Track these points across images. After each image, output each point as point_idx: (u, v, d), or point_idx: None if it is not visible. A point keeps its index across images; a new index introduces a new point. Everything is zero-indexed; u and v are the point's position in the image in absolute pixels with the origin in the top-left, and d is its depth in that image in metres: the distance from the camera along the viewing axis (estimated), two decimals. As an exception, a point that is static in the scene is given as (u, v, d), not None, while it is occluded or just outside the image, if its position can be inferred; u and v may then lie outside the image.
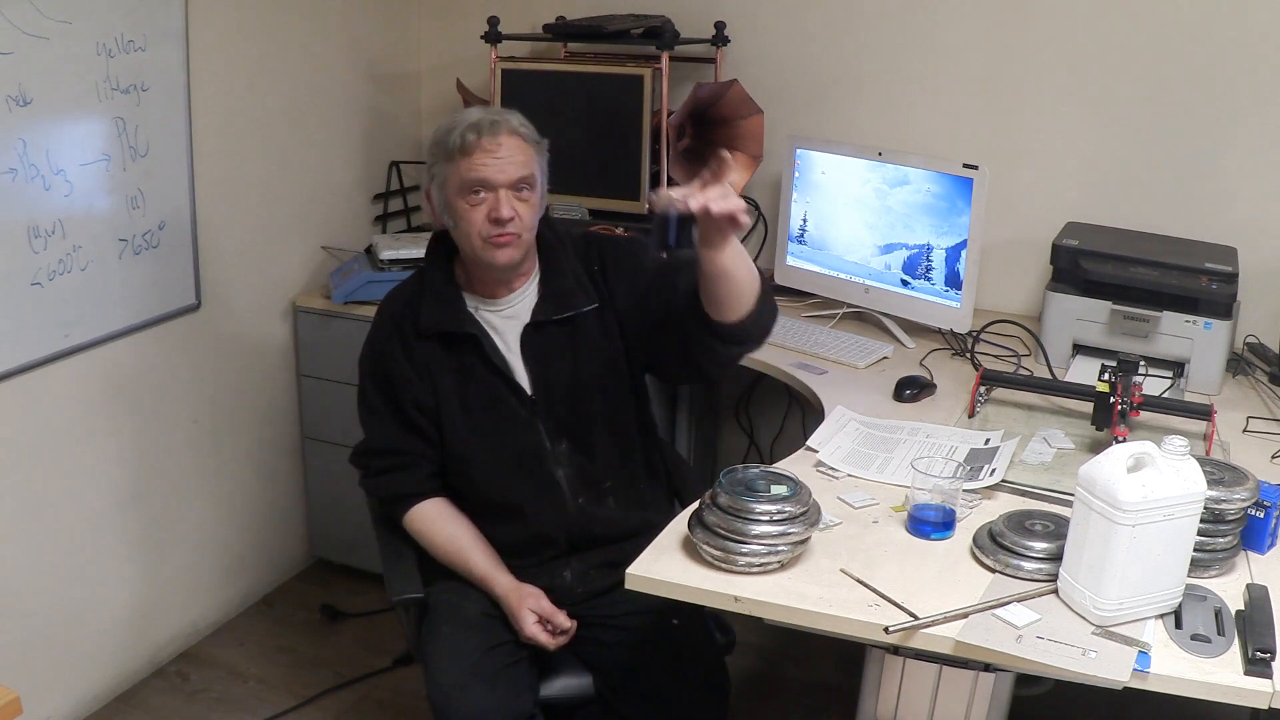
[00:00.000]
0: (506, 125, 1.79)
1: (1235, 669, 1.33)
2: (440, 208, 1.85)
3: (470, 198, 1.78)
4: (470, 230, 1.80)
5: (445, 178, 1.81)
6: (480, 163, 1.77)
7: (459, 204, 1.79)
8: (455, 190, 1.79)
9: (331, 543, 3.07)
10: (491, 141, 1.77)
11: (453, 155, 1.78)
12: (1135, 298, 2.29)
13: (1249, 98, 2.46)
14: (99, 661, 2.54)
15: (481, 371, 1.88)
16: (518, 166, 1.79)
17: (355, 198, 3.11)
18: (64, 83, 2.16)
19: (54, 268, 2.22)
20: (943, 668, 1.56)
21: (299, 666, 2.73)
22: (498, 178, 1.78)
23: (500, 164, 1.77)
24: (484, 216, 1.78)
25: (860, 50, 2.79)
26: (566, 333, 1.90)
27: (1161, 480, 1.36)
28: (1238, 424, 2.08)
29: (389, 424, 1.93)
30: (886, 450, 1.91)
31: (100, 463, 2.46)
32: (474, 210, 1.79)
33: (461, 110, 1.86)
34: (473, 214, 1.79)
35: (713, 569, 1.52)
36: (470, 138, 1.77)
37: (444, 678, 1.80)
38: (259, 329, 2.84)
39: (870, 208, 2.60)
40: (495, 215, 1.78)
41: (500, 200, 1.78)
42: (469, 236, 1.81)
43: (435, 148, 1.82)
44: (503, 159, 1.78)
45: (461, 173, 1.78)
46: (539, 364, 1.90)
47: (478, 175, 1.77)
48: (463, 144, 1.77)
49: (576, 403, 1.90)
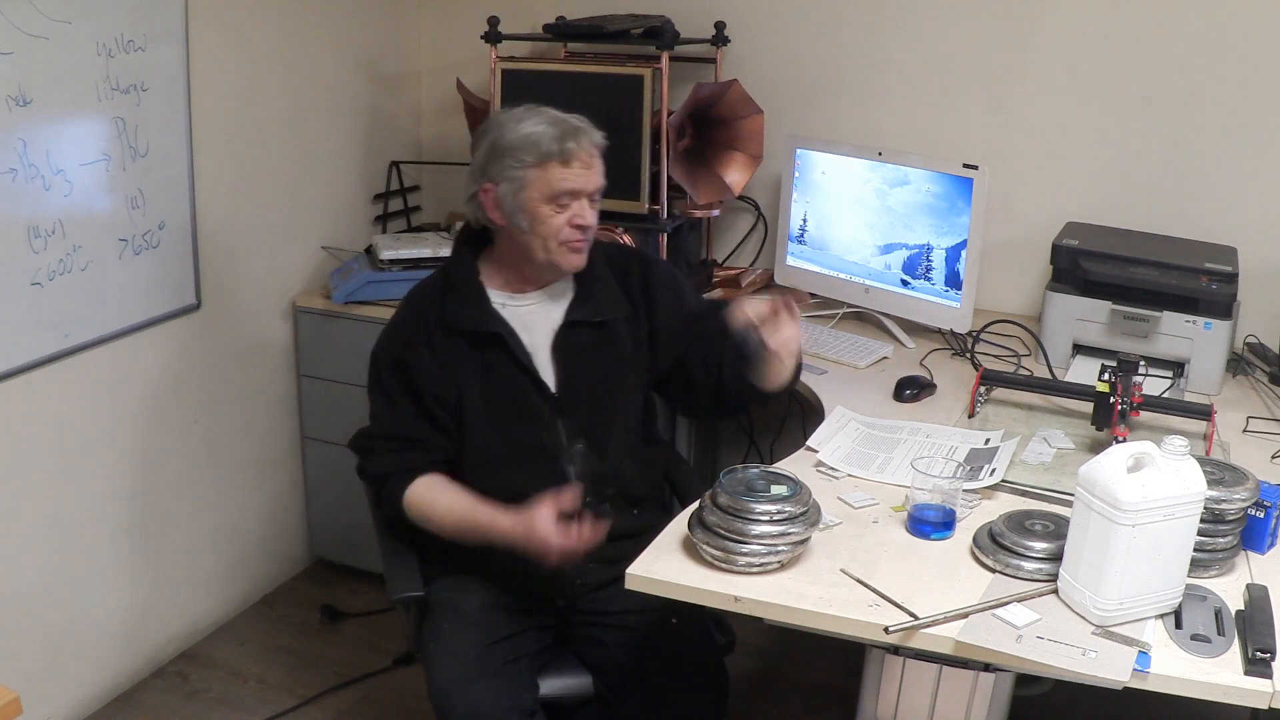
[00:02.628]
0: (592, 136, 1.85)
1: (1235, 669, 1.33)
2: (511, 209, 1.84)
3: (556, 205, 1.82)
4: (549, 234, 1.84)
5: (528, 181, 1.82)
6: (576, 173, 1.82)
7: (542, 209, 1.82)
8: (541, 195, 1.82)
9: (331, 543, 3.07)
10: (586, 153, 1.83)
11: (545, 162, 1.81)
12: (1135, 298, 2.29)
13: (1249, 98, 2.46)
14: (99, 661, 2.54)
15: (506, 368, 1.90)
16: (599, 175, 1.87)
17: (355, 198, 3.11)
18: (64, 83, 2.16)
19: (54, 268, 2.22)
20: (943, 668, 1.56)
21: (299, 666, 2.73)
22: (587, 187, 1.84)
23: (589, 174, 1.84)
24: (566, 222, 1.83)
25: (860, 50, 2.79)
26: (599, 336, 1.94)
27: (1161, 480, 1.36)
28: (1238, 424, 2.08)
29: (404, 411, 1.92)
30: (886, 450, 1.91)
31: (100, 463, 2.45)
32: (558, 216, 1.83)
33: (515, 112, 1.87)
34: (556, 219, 1.83)
35: (713, 569, 1.52)
36: (570, 146, 1.81)
37: (444, 675, 1.81)
38: (259, 329, 2.84)
39: (870, 208, 2.60)
40: (580, 222, 1.84)
41: (585, 208, 1.85)
42: (545, 239, 1.84)
43: (519, 152, 1.82)
44: (592, 170, 1.85)
45: (554, 180, 1.81)
46: (567, 363, 1.92)
47: (572, 185, 1.82)
48: (562, 152, 1.81)
49: (598, 404, 1.93)
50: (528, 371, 1.90)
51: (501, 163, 1.83)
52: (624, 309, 1.96)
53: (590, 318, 1.93)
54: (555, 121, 1.84)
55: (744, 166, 2.76)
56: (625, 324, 1.96)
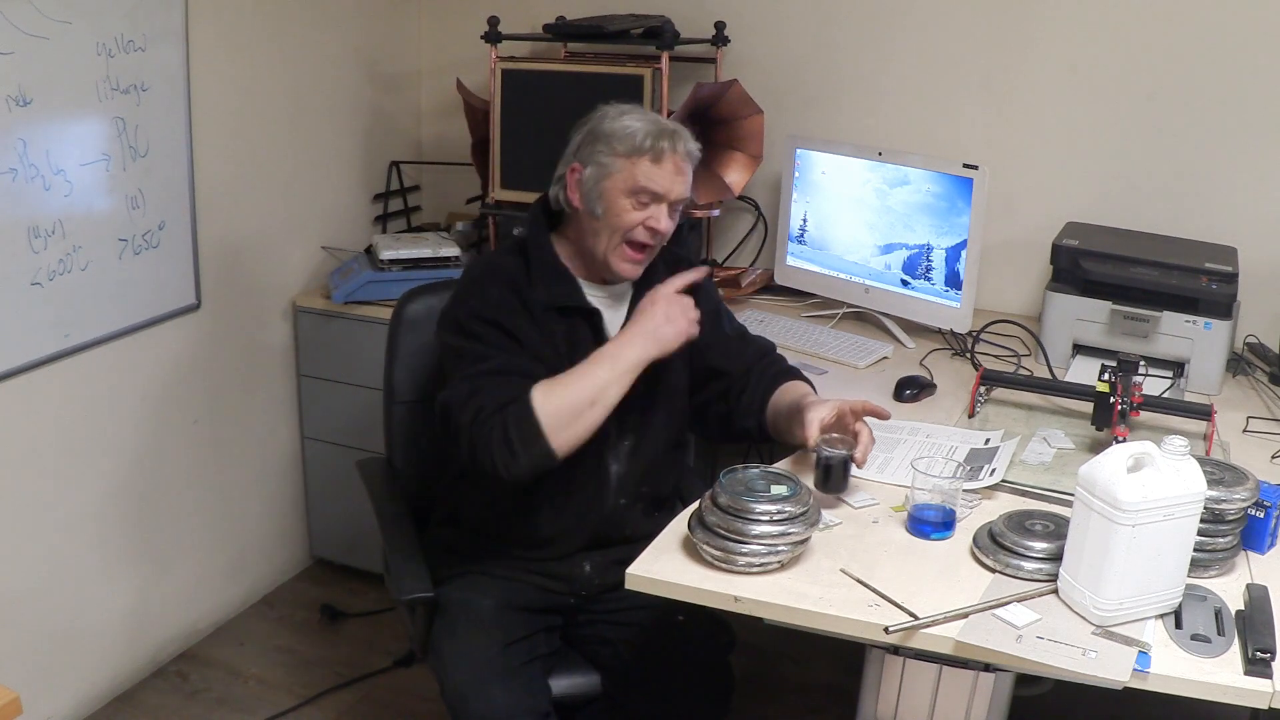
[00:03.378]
0: (685, 142, 1.84)
1: (1235, 669, 1.33)
2: (591, 193, 1.82)
3: (636, 200, 1.80)
4: (619, 227, 1.81)
5: (614, 170, 1.80)
6: (663, 173, 1.80)
7: (620, 200, 1.80)
8: (623, 187, 1.80)
9: (331, 543, 3.07)
10: (679, 157, 1.82)
11: (636, 155, 1.79)
12: (1135, 298, 2.29)
13: (1249, 98, 2.46)
14: (99, 661, 2.54)
15: (589, 345, 1.85)
16: (686, 187, 1.84)
17: (355, 198, 3.11)
18: (64, 83, 2.16)
19: (54, 268, 2.22)
20: (943, 668, 1.56)
21: (299, 666, 2.73)
22: (671, 192, 1.81)
23: (676, 179, 1.82)
24: (639, 221, 1.81)
25: (860, 50, 2.79)
26: None
27: (1161, 480, 1.36)
28: (1238, 424, 2.08)
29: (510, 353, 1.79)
30: (887, 450, 1.91)
31: (100, 463, 2.45)
32: (634, 212, 1.81)
33: (620, 105, 1.86)
34: (631, 215, 1.81)
35: (713, 569, 1.52)
36: (663, 145, 1.79)
37: (460, 676, 1.79)
38: (259, 329, 2.84)
39: (870, 208, 2.60)
40: (654, 225, 1.81)
41: (663, 214, 1.82)
42: (612, 232, 1.82)
43: (613, 139, 1.81)
44: (681, 177, 1.83)
45: (639, 176, 1.79)
46: None
47: (657, 185, 1.80)
48: (654, 149, 1.79)
49: (647, 404, 1.91)
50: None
51: (594, 147, 1.82)
52: None
53: None
54: (655, 121, 1.83)
55: (744, 166, 2.76)
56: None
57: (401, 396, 2.15)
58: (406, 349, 2.15)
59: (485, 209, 2.81)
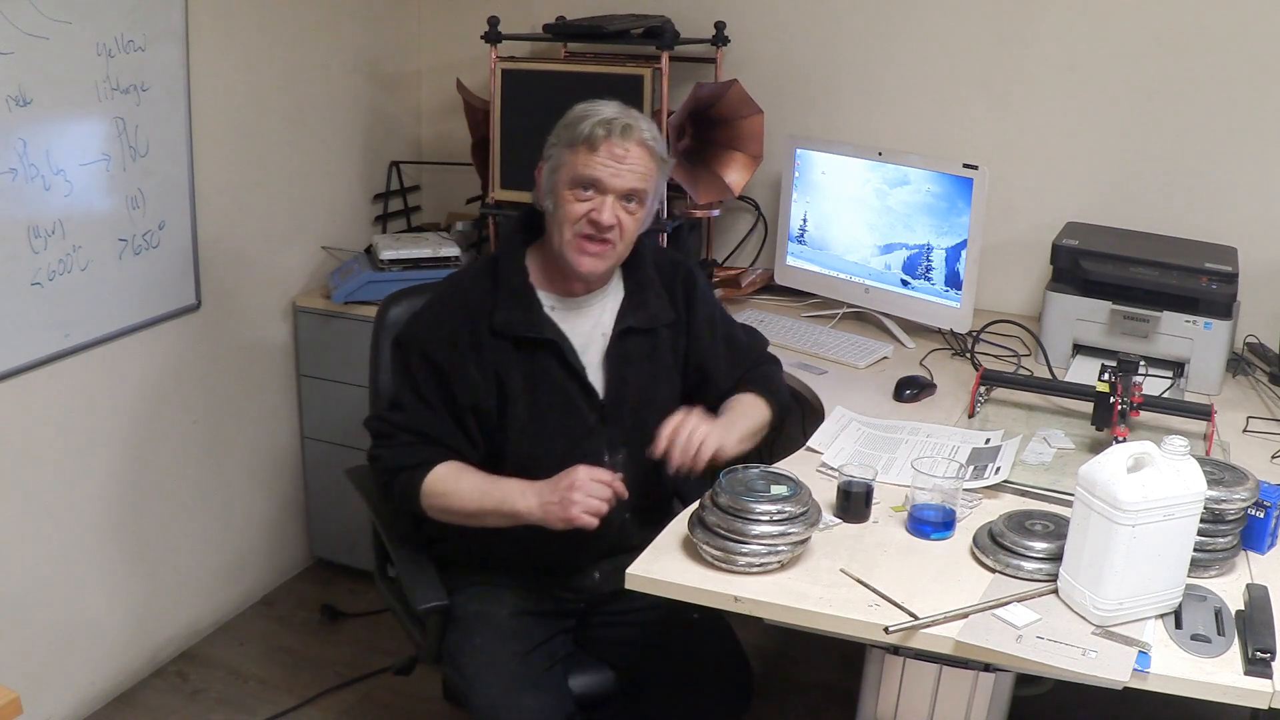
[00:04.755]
0: (638, 133, 1.77)
1: (1235, 669, 1.33)
2: (546, 190, 1.81)
3: (578, 191, 1.77)
4: (565, 221, 1.77)
5: (560, 163, 1.78)
6: (600, 162, 1.75)
7: (564, 193, 1.77)
8: (566, 179, 1.77)
9: (331, 543, 3.07)
10: (620, 145, 1.75)
11: (575, 145, 1.76)
12: (1135, 298, 2.29)
13: (1249, 98, 2.46)
14: (99, 661, 2.54)
15: (555, 374, 1.83)
16: (635, 178, 1.77)
17: (355, 198, 3.11)
18: (64, 83, 2.16)
19: (54, 268, 2.22)
20: (943, 668, 1.56)
21: (299, 666, 2.73)
22: (612, 182, 1.76)
23: (618, 169, 1.75)
24: (583, 214, 1.76)
25: (860, 50, 2.79)
26: (649, 343, 1.90)
27: (1161, 480, 1.36)
28: (1238, 424, 2.08)
29: (435, 411, 1.82)
30: (889, 450, 1.91)
31: (100, 463, 2.45)
32: (576, 204, 1.77)
33: (598, 101, 1.83)
34: (574, 207, 1.77)
35: (713, 569, 1.52)
36: (599, 134, 1.74)
37: (489, 689, 1.76)
38: (259, 329, 2.84)
39: (870, 208, 2.60)
40: (595, 218, 1.76)
41: (605, 205, 1.76)
42: (561, 227, 1.78)
43: (562, 130, 1.79)
44: (624, 166, 1.76)
45: (578, 165, 1.76)
46: (617, 370, 1.87)
47: (593, 173, 1.75)
48: (589, 137, 1.74)
49: (641, 414, 1.88)
50: (578, 378, 1.84)
51: (551, 139, 1.81)
52: (670, 315, 1.92)
53: (643, 324, 1.88)
54: (614, 111, 1.78)
55: (744, 166, 2.76)
56: (668, 330, 1.92)
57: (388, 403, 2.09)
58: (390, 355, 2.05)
59: (485, 209, 2.81)
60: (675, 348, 1.94)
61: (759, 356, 2.04)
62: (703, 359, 1.96)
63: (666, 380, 1.94)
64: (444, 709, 2.48)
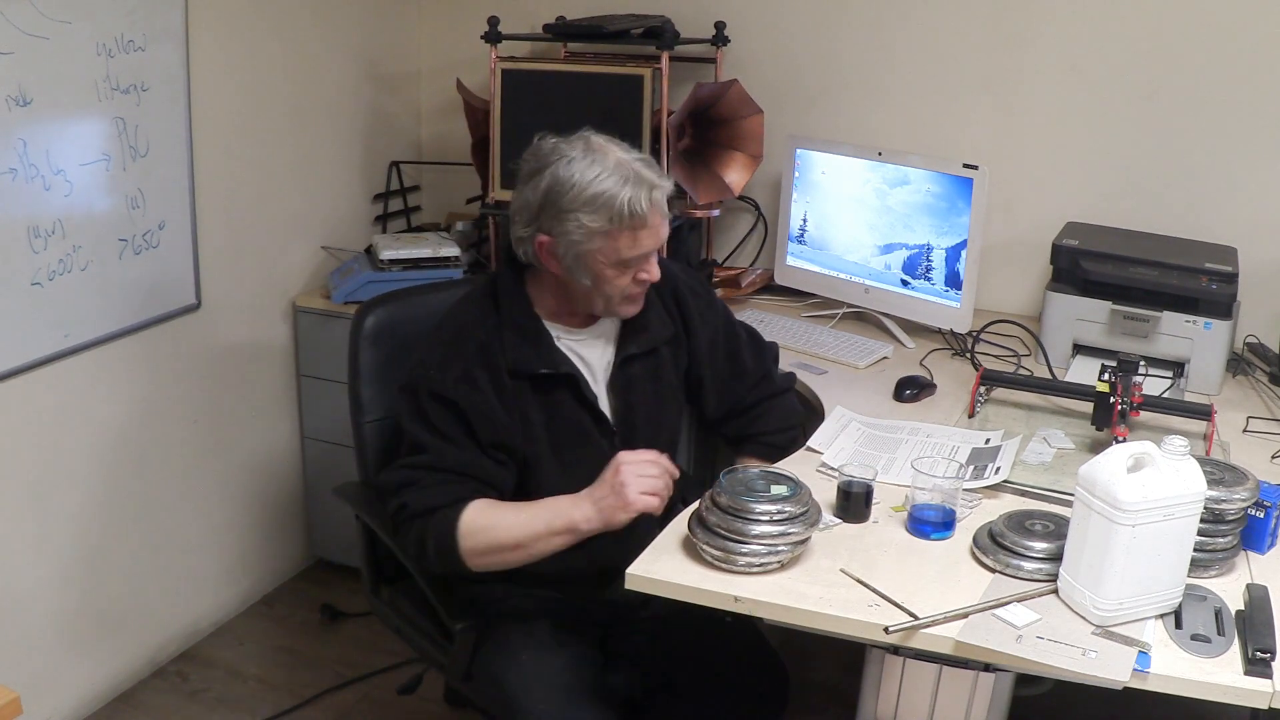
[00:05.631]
0: (662, 190, 1.71)
1: (1235, 669, 1.33)
2: (572, 264, 1.71)
3: (624, 267, 1.72)
4: (614, 294, 1.75)
5: (594, 246, 1.69)
6: (647, 238, 1.71)
7: (607, 270, 1.71)
8: (609, 260, 1.70)
9: (331, 543, 3.07)
10: (657, 214, 1.71)
11: (618, 229, 1.67)
12: (1135, 298, 2.29)
13: (1249, 98, 2.46)
14: (99, 661, 2.54)
15: (571, 407, 1.80)
16: (666, 228, 1.75)
17: (355, 198, 3.11)
18: (64, 83, 2.16)
19: (54, 268, 2.22)
20: (943, 668, 1.56)
21: (299, 666, 2.73)
22: (657, 242, 1.74)
23: (659, 231, 1.73)
24: (631, 279, 1.74)
25: (860, 50, 2.79)
26: (651, 365, 1.89)
27: (1161, 480, 1.36)
28: (1238, 424, 2.08)
29: (462, 448, 1.73)
30: (890, 450, 1.91)
31: (100, 463, 2.45)
32: (623, 277, 1.73)
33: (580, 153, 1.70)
34: (622, 280, 1.74)
35: (713, 569, 1.52)
36: (641, 211, 1.67)
37: (542, 704, 1.72)
38: (259, 329, 2.84)
39: (870, 208, 2.60)
40: (646, 278, 1.75)
41: (653, 266, 1.75)
42: (608, 297, 1.75)
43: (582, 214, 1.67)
44: (662, 228, 1.73)
45: (624, 246, 1.69)
46: (624, 396, 1.86)
47: (644, 250, 1.71)
48: (633, 217, 1.67)
49: (652, 434, 1.87)
50: (591, 409, 1.81)
51: (561, 220, 1.68)
52: (669, 330, 1.90)
53: (644, 348, 1.86)
54: (624, 177, 1.67)
55: (744, 166, 2.76)
56: (668, 347, 1.91)
57: (371, 414, 2.04)
58: (370, 364, 2.04)
59: (485, 209, 2.81)
60: (677, 361, 1.93)
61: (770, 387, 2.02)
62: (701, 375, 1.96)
63: (672, 399, 1.93)
64: (444, 710, 2.48)
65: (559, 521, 1.69)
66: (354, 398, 2.06)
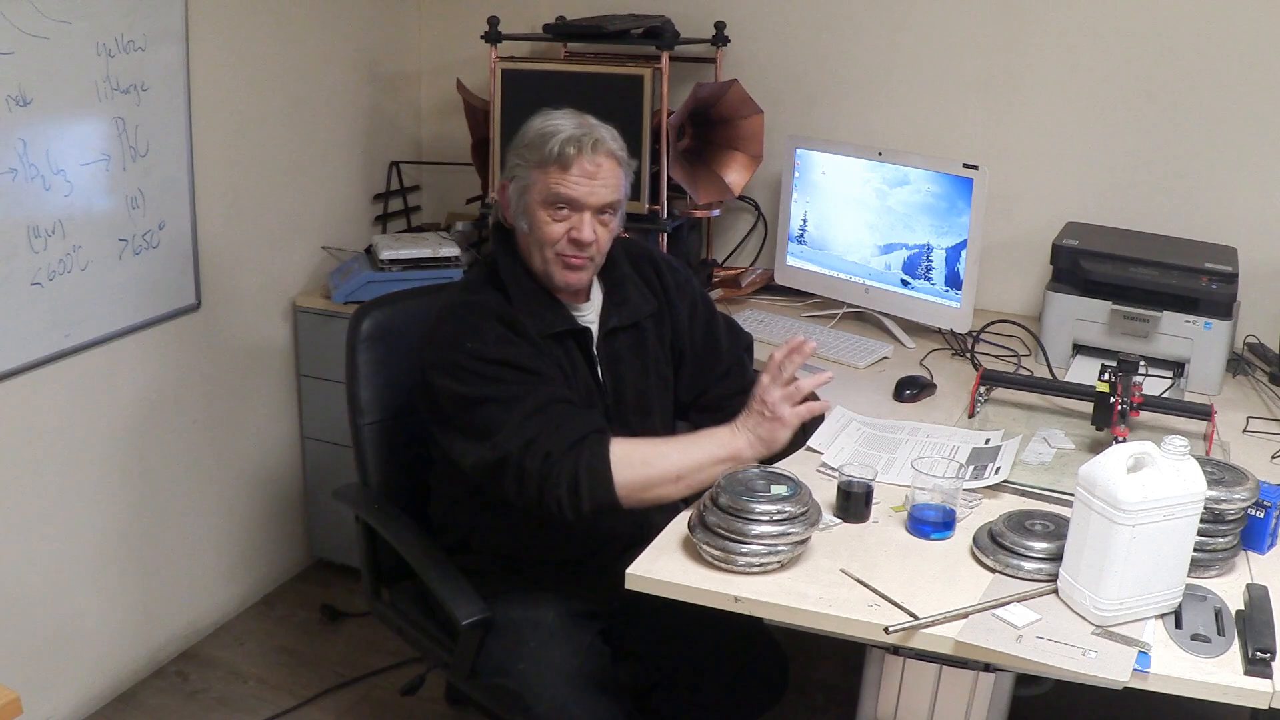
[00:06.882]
0: (605, 145, 1.74)
1: (1235, 669, 1.33)
2: (516, 209, 1.79)
3: (553, 211, 1.74)
4: (544, 242, 1.75)
5: (530, 183, 1.75)
6: (574, 180, 1.72)
7: (540, 213, 1.74)
8: (539, 199, 1.74)
9: (331, 543, 3.07)
10: (591, 161, 1.72)
11: (546, 164, 1.72)
12: (1135, 298, 2.29)
13: (1249, 98, 2.46)
14: (99, 661, 2.54)
15: (582, 369, 1.82)
16: (609, 190, 1.76)
17: (355, 198, 3.11)
18: (64, 83, 2.16)
19: (54, 268, 2.22)
20: (943, 668, 1.56)
21: (299, 666, 2.73)
22: (588, 199, 1.74)
23: (593, 186, 1.73)
24: (563, 233, 1.74)
25: (860, 50, 2.79)
26: (635, 339, 1.90)
27: (1161, 480, 1.36)
28: (1238, 424, 2.08)
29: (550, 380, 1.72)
30: (890, 450, 1.91)
31: (100, 463, 2.45)
32: (554, 224, 1.74)
33: (551, 112, 1.79)
34: (552, 228, 1.74)
35: (713, 569, 1.52)
36: (569, 152, 1.71)
37: (556, 693, 1.72)
38: (259, 329, 2.84)
39: (870, 208, 2.60)
40: (577, 237, 1.74)
41: (585, 222, 1.74)
42: (541, 247, 1.76)
43: (526, 150, 1.75)
44: (596, 181, 1.73)
45: (551, 184, 1.73)
46: (613, 371, 1.87)
47: (568, 193, 1.73)
48: (560, 156, 1.71)
49: (643, 409, 1.88)
50: (596, 375, 1.84)
51: (513, 160, 1.77)
52: (651, 305, 1.92)
53: (626, 321, 1.88)
54: (575, 125, 1.74)
55: (744, 166, 2.76)
56: (651, 322, 1.92)
57: (370, 416, 2.06)
58: (368, 366, 2.05)
59: (485, 209, 2.81)
60: (662, 337, 1.94)
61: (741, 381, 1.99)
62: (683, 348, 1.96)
63: (658, 373, 1.94)
64: (443, 710, 2.48)
65: (723, 451, 1.69)
66: (352, 400, 2.07)
